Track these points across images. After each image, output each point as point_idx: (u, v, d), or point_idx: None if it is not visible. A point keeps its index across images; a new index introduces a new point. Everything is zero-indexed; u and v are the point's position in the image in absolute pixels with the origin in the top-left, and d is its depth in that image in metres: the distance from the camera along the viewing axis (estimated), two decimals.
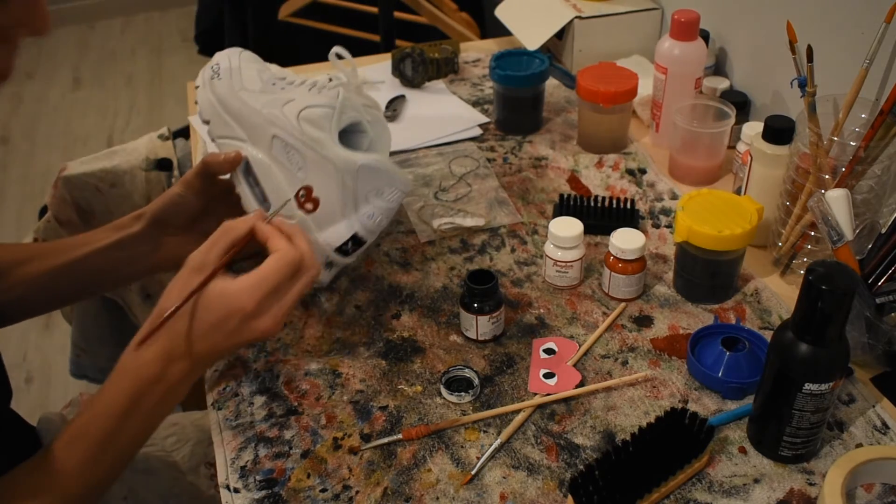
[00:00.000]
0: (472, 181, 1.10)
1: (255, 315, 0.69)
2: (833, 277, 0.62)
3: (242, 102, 0.83)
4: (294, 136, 0.81)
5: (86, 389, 1.65)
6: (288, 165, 0.82)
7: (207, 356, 0.71)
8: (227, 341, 0.70)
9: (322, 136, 0.81)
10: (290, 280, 0.71)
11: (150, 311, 0.72)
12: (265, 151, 0.82)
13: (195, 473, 0.96)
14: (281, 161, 0.82)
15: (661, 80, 1.10)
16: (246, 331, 0.70)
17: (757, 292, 0.90)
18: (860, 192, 0.85)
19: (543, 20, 1.31)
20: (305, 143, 0.81)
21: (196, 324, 0.69)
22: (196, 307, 0.69)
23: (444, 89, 1.32)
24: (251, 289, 0.69)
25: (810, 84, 0.85)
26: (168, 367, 0.70)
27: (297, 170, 0.81)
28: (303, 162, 0.81)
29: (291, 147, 0.81)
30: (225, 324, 0.69)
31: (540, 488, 0.70)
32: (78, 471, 0.69)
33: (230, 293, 0.69)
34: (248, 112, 0.82)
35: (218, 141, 0.85)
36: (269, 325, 0.70)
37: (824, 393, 0.66)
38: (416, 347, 0.85)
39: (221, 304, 0.69)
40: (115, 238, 0.87)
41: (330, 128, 0.81)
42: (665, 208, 1.03)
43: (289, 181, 0.82)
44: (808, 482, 0.70)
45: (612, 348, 0.84)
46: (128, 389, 0.69)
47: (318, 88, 0.84)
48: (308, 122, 0.81)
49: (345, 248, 0.84)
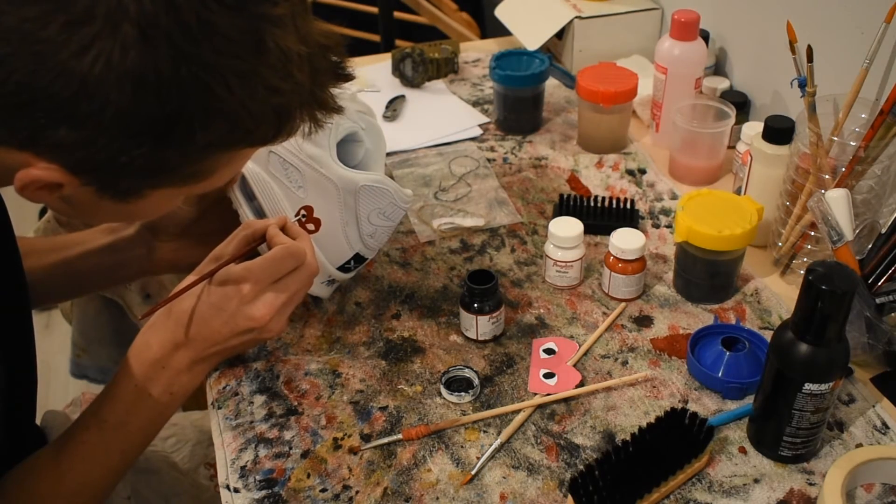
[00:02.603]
0: (471, 181, 1.10)
1: (250, 299, 0.72)
2: (833, 277, 0.62)
3: None
4: (291, 152, 0.80)
5: (86, 389, 1.65)
6: (287, 182, 0.81)
7: (207, 343, 0.73)
8: (224, 327, 0.72)
9: (320, 153, 0.80)
10: (289, 273, 0.73)
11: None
12: (262, 167, 0.82)
13: (195, 474, 0.96)
14: (279, 177, 0.81)
15: (661, 80, 1.10)
16: (241, 316, 0.72)
17: (757, 292, 0.90)
18: (860, 192, 0.85)
19: (543, 20, 1.31)
20: (304, 161, 0.80)
21: (199, 306, 0.72)
22: (202, 292, 0.73)
23: (444, 89, 1.32)
24: (249, 272, 0.72)
25: (810, 84, 0.85)
26: (172, 353, 0.73)
27: (296, 188, 0.81)
28: (302, 180, 0.81)
29: (289, 164, 0.81)
30: (223, 306, 0.72)
31: (540, 488, 0.70)
32: (92, 456, 0.71)
33: (231, 275, 0.72)
34: None
35: None
36: (263, 312, 0.72)
37: (824, 393, 0.66)
38: (416, 347, 0.85)
39: (222, 286, 0.72)
40: (108, 240, 0.88)
41: (328, 144, 0.80)
42: (665, 208, 1.03)
43: (288, 198, 0.82)
44: (808, 482, 0.70)
45: (612, 348, 0.84)
46: (135, 372, 0.72)
47: None
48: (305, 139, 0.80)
49: (347, 266, 0.84)
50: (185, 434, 1.00)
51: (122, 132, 0.51)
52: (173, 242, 0.89)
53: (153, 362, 0.72)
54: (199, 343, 0.73)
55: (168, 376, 0.73)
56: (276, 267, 0.72)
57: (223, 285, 0.72)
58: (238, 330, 0.73)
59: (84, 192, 0.56)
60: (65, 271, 0.87)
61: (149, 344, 0.73)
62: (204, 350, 0.73)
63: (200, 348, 0.73)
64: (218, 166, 0.59)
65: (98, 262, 0.88)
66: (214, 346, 0.74)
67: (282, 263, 0.72)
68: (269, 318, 0.72)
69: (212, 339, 0.73)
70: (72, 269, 0.87)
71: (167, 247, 0.89)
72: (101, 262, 0.88)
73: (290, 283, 0.73)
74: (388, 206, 0.82)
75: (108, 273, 0.90)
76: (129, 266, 0.89)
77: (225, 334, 0.73)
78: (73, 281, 0.90)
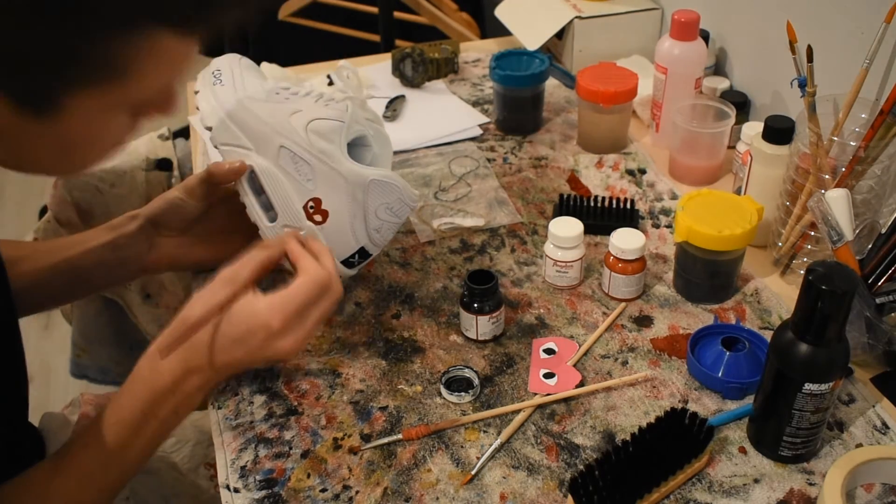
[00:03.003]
0: (471, 181, 1.10)
1: (279, 334, 0.69)
2: (833, 277, 0.62)
3: (247, 111, 0.82)
4: (302, 146, 0.81)
5: (86, 389, 1.65)
6: (296, 176, 0.82)
7: (225, 369, 0.71)
8: (247, 357, 0.70)
9: (331, 148, 0.81)
10: (315, 302, 0.71)
11: (150, 311, 0.72)
12: (272, 161, 0.82)
13: (195, 474, 0.96)
14: (289, 171, 0.82)
15: (661, 80, 1.10)
16: (268, 349, 0.70)
17: (757, 292, 0.90)
18: (860, 192, 0.85)
19: (543, 20, 1.31)
20: (314, 155, 0.81)
21: (219, 337, 0.70)
22: (221, 320, 0.70)
23: (444, 89, 1.32)
24: (278, 307, 0.69)
25: (810, 84, 0.85)
26: (185, 378, 0.70)
27: (305, 180, 0.81)
28: (312, 173, 0.81)
29: (300, 158, 0.81)
30: (248, 340, 0.69)
31: (540, 488, 0.70)
32: (90, 477, 0.69)
33: (257, 310, 0.69)
34: (254, 121, 0.82)
35: (221, 148, 0.84)
36: (290, 345, 0.70)
37: (824, 393, 0.66)
38: (416, 347, 0.85)
39: (247, 320, 0.69)
40: (109, 238, 0.87)
41: (339, 141, 0.81)
42: (665, 208, 1.03)
43: (297, 191, 0.82)
44: (808, 482, 0.70)
45: (612, 348, 0.84)
46: (143, 397, 0.70)
47: (325, 101, 0.84)
48: (316, 134, 0.81)
49: (351, 260, 0.84)
50: (184, 434, 1.00)
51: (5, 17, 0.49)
52: (175, 238, 0.89)
53: (163, 389, 0.70)
54: (215, 371, 0.71)
55: (177, 400, 0.70)
56: (305, 300, 0.70)
57: (247, 319, 0.69)
58: (262, 360, 0.72)
59: (1, 111, 0.54)
60: (67, 271, 0.87)
61: (159, 370, 0.70)
62: (219, 376, 0.72)
63: (216, 375, 0.71)
64: (133, 58, 0.54)
65: (100, 259, 0.87)
66: (231, 371, 0.73)
67: (309, 297, 0.70)
68: (297, 349, 0.71)
69: (231, 367, 0.71)
70: (74, 268, 0.87)
71: (169, 242, 0.89)
72: (103, 260, 0.87)
73: (316, 312, 0.71)
74: (395, 202, 0.82)
75: (109, 271, 0.89)
76: (130, 263, 0.89)
77: (246, 363, 0.72)
78: (76, 281, 0.89)
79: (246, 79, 0.85)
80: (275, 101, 0.84)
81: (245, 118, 0.82)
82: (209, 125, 0.84)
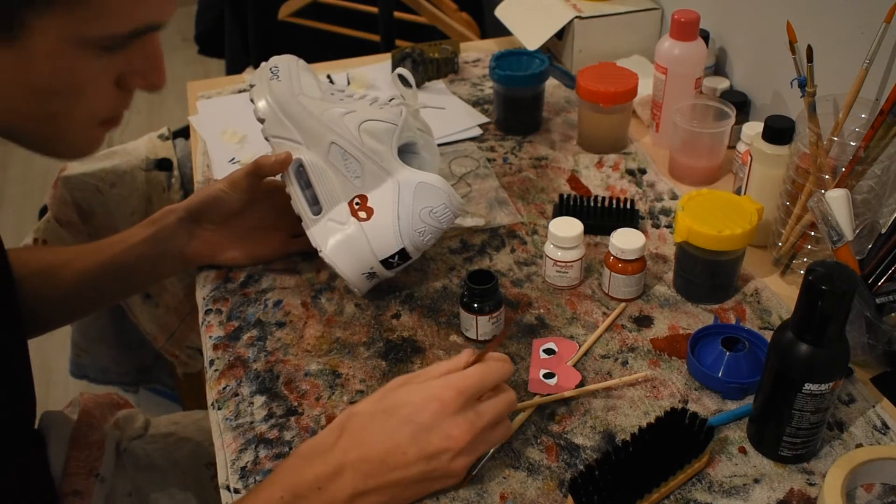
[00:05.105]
0: (472, 181, 1.10)
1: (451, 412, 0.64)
2: (833, 277, 0.62)
3: (301, 107, 0.85)
4: (353, 144, 0.84)
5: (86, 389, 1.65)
6: (345, 172, 0.84)
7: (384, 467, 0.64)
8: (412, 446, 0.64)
9: (382, 149, 0.84)
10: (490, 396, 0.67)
11: (150, 311, 0.72)
12: (322, 156, 0.84)
13: (196, 473, 0.96)
14: (338, 167, 0.84)
15: (661, 80, 1.10)
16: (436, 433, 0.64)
17: (757, 292, 0.90)
18: (860, 192, 0.85)
19: (543, 20, 1.31)
20: (365, 154, 0.84)
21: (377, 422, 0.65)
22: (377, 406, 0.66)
23: (444, 89, 1.32)
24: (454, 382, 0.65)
25: (810, 84, 0.85)
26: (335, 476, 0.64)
27: (353, 177, 0.84)
28: (361, 171, 0.84)
29: (350, 155, 0.84)
30: (413, 418, 0.64)
31: (540, 488, 0.70)
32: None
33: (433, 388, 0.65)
34: (307, 116, 0.85)
35: (272, 140, 0.87)
36: (462, 431, 0.64)
37: (824, 393, 0.66)
38: (415, 347, 0.85)
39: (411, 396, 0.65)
40: (149, 232, 0.88)
41: (391, 143, 0.85)
42: (665, 208, 1.03)
43: (343, 187, 0.85)
44: (808, 482, 0.70)
45: (612, 348, 0.84)
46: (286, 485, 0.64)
47: (380, 105, 0.87)
48: (368, 134, 0.84)
49: (391, 260, 0.85)
50: (185, 433, 1.01)
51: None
52: (215, 233, 0.90)
53: (311, 481, 0.63)
54: (371, 466, 0.63)
55: (321, 501, 0.63)
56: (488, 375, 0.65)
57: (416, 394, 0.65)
58: (427, 452, 0.63)
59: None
60: (113, 270, 0.88)
61: (309, 460, 0.65)
62: (375, 477, 0.63)
63: (371, 473, 0.63)
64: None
65: (142, 253, 0.88)
66: (390, 472, 0.64)
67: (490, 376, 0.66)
68: (466, 444, 0.64)
69: (391, 461, 0.63)
70: (119, 265, 0.88)
71: (208, 236, 0.90)
72: (146, 254, 0.88)
73: (490, 408, 0.66)
74: (440, 207, 0.84)
75: (153, 265, 0.90)
76: (170, 256, 0.90)
77: (411, 456, 0.63)
78: (123, 278, 0.90)
79: (303, 78, 0.88)
80: (330, 100, 0.86)
81: (298, 113, 0.85)
82: (262, 117, 0.86)
